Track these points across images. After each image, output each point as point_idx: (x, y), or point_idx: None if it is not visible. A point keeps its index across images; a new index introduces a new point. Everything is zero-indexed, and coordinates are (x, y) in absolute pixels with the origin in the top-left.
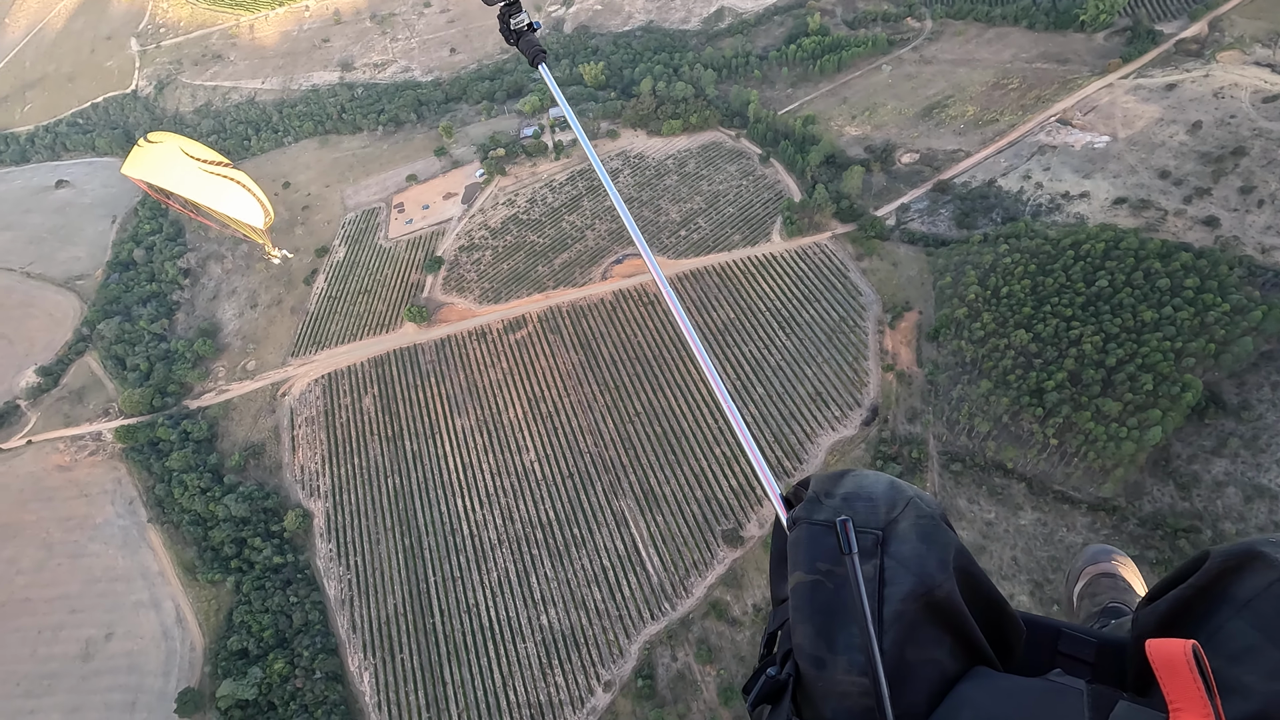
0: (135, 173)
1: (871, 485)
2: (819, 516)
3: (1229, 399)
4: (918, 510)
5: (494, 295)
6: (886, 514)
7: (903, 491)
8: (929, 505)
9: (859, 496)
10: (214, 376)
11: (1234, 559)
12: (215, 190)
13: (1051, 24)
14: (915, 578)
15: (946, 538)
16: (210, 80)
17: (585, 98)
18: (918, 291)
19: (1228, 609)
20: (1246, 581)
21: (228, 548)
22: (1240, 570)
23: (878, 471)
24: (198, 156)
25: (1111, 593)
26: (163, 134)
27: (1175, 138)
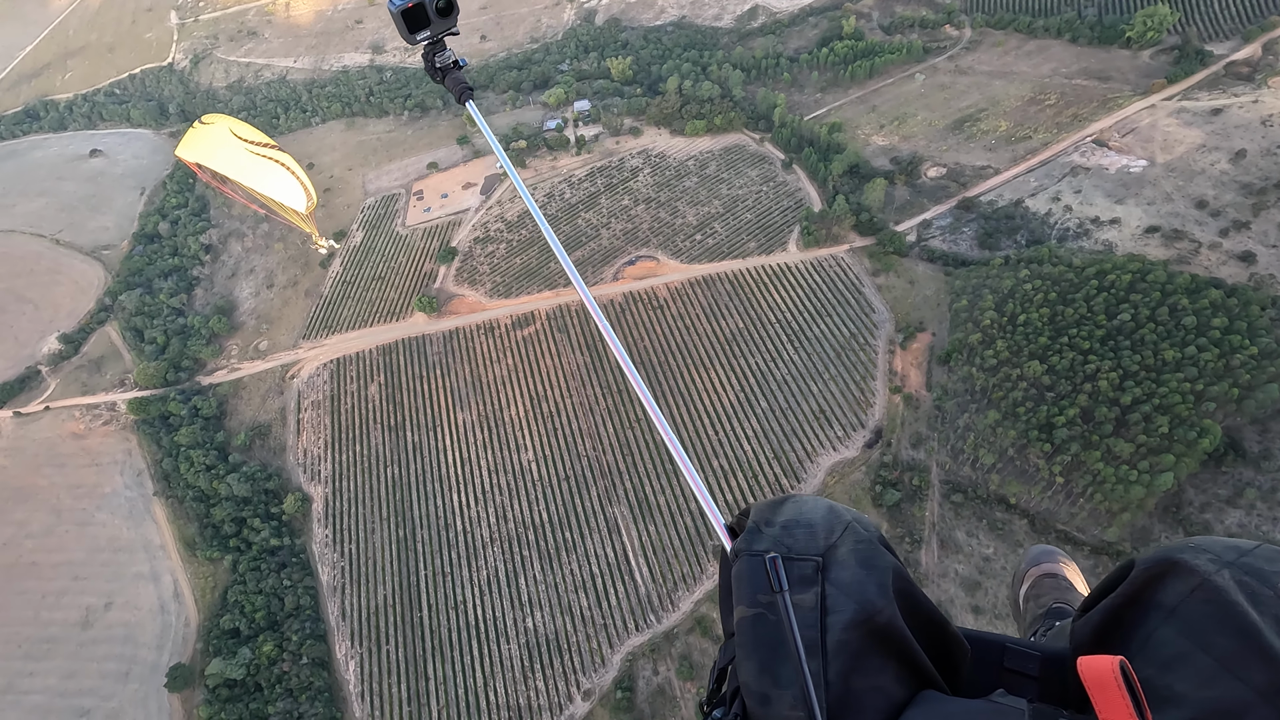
0: (189, 155)
1: (810, 511)
2: (759, 547)
3: (1250, 446)
4: (856, 535)
5: (505, 290)
6: (825, 540)
7: (840, 516)
8: (867, 529)
9: (798, 523)
10: (227, 354)
11: (1156, 567)
12: (259, 172)
13: (1096, 39)
14: (857, 605)
15: (885, 561)
16: (244, 57)
17: (611, 92)
18: (933, 312)
19: (1156, 616)
20: (1171, 588)
21: (228, 526)
22: (1163, 577)
23: (817, 496)
24: (244, 137)
25: (1054, 593)
26: (215, 115)
27: (1216, 166)
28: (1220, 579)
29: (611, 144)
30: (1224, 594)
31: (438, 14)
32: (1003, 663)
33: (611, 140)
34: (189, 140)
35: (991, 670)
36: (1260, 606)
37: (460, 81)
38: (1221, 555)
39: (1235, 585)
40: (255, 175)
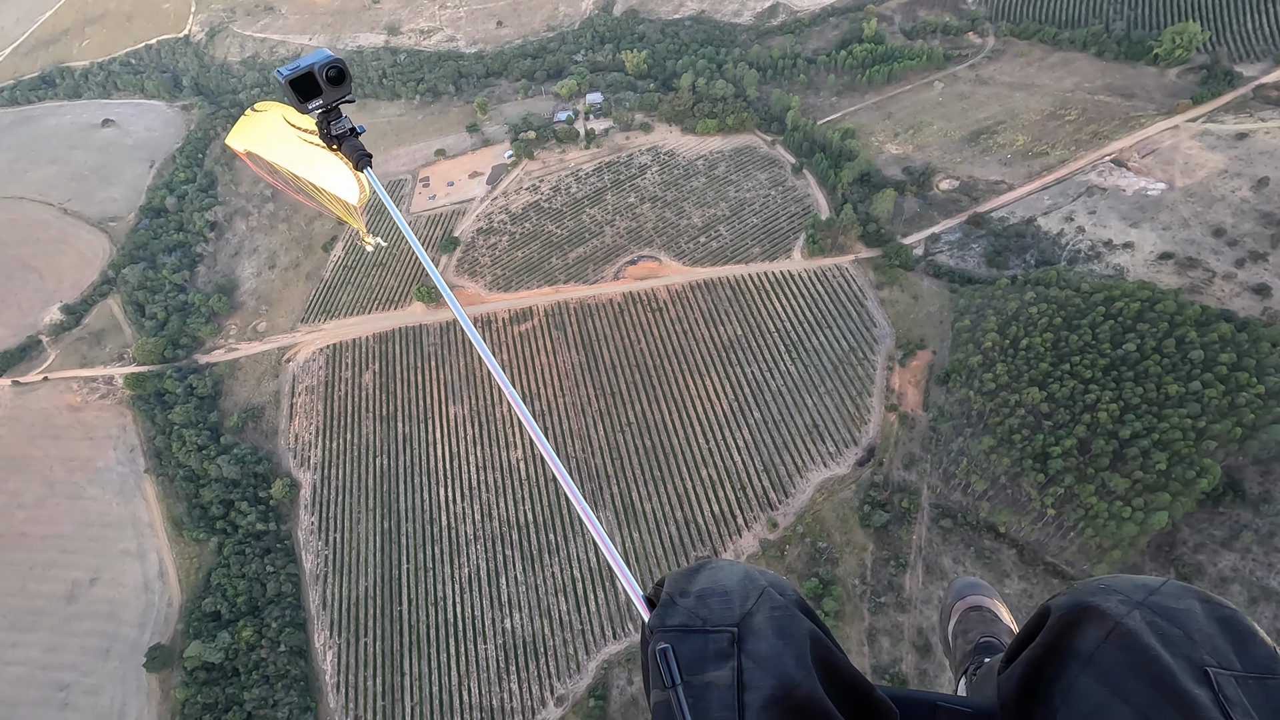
0: (240, 144)
1: (726, 578)
2: (673, 621)
3: (1250, 488)
4: (772, 601)
5: (504, 283)
6: (741, 607)
7: (755, 582)
8: (784, 593)
9: (713, 592)
10: (225, 334)
11: (1070, 613)
12: (312, 161)
13: (1122, 54)
14: (774, 680)
15: (802, 628)
16: (260, 32)
17: (624, 86)
18: (935, 330)
19: (1075, 666)
20: (1086, 635)
21: (215, 508)
22: (1079, 624)
23: (733, 560)
24: (298, 124)
25: (980, 626)
26: (268, 103)
27: (1237, 193)
28: (1132, 621)
29: (621, 139)
30: (1137, 638)
31: (329, 82)
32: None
33: (621, 135)
34: (240, 128)
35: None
36: (1171, 648)
37: (358, 149)
38: (1131, 595)
39: (1146, 627)
40: (308, 165)
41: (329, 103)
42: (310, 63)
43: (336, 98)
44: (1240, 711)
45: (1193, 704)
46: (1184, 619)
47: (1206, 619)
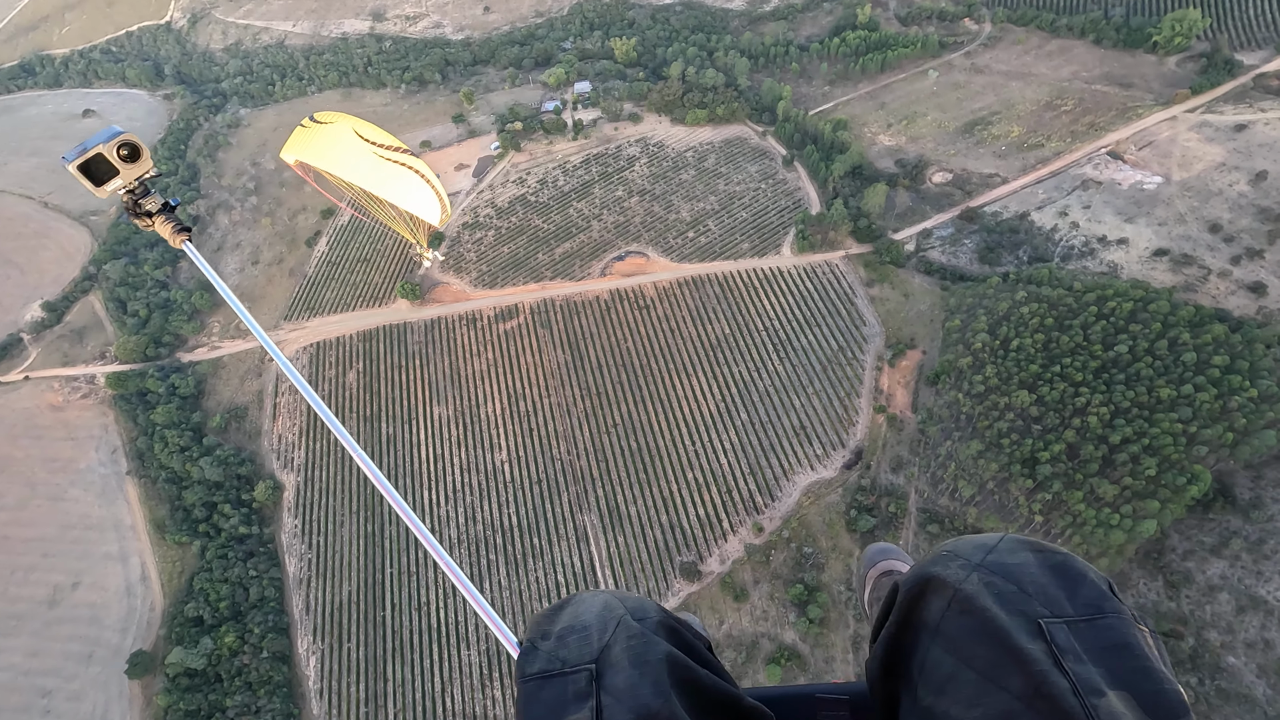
0: (299, 156)
1: (586, 612)
2: (532, 670)
3: (1240, 493)
4: (628, 630)
5: (490, 279)
6: (599, 641)
7: (613, 611)
8: (641, 615)
9: (573, 629)
10: (208, 331)
11: (915, 587)
12: (390, 180)
13: (1121, 41)
14: (631, 712)
15: (658, 653)
16: (243, 18)
17: (613, 74)
18: (925, 329)
19: (926, 637)
20: (931, 606)
21: (198, 510)
22: (923, 596)
23: (597, 590)
24: (373, 140)
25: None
26: (331, 114)
27: (1235, 187)
28: (970, 585)
29: (610, 130)
30: (974, 601)
31: (124, 160)
32: (817, 716)
33: (610, 126)
34: (300, 141)
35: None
36: (1007, 605)
37: (172, 221)
38: (970, 558)
39: (984, 588)
40: (384, 184)
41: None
42: (97, 142)
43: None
44: (1072, 658)
45: (1027, 659)
46: (1018, 573)
47: (1040, 569)
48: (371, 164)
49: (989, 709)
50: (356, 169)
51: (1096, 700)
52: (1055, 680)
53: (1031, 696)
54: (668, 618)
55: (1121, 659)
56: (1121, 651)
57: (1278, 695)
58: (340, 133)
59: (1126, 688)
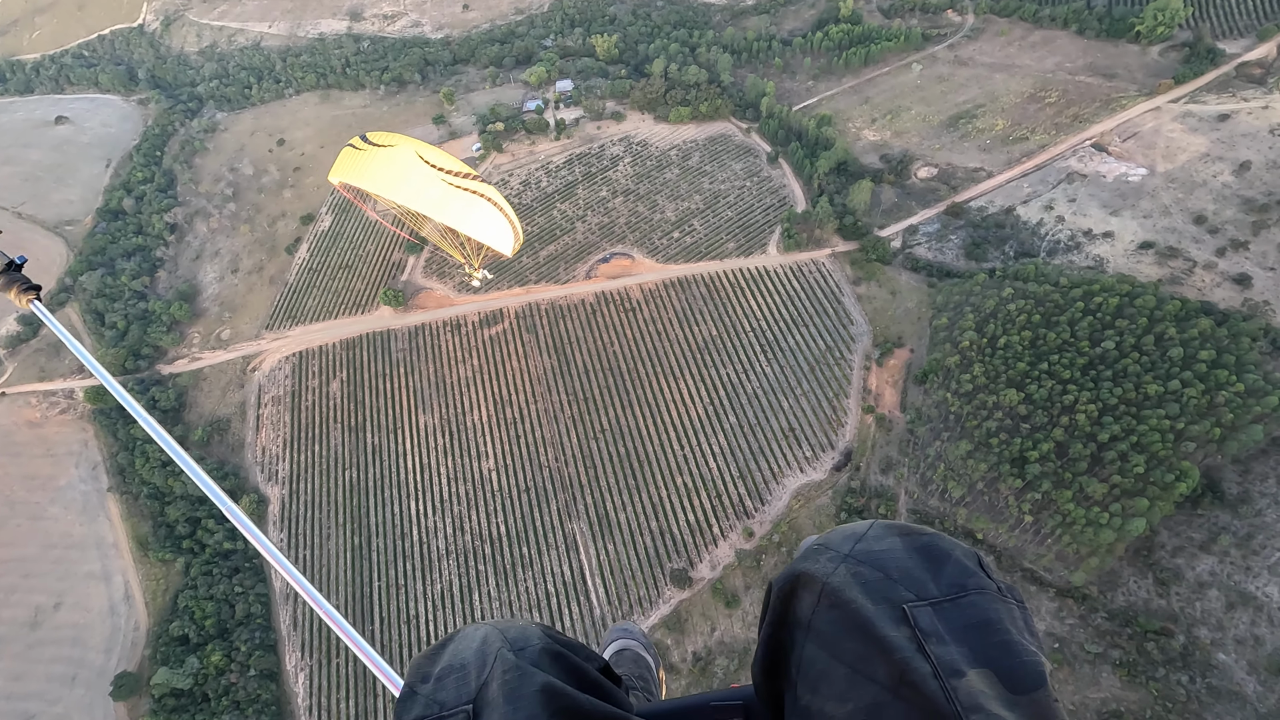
0: (352, 180)
1: (465, 650)
2: (410, 716)
3: (1228, 488)
4: (504, 664)
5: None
6: (478, 679)
7: (491, 646)
8: (518, 647)
9: (451, 670)
10: (188, 342)
11: (786, 585)
12: (461, 209)
13: (1104, 31)
14: None
15: (533, 685)
16: (218, 20)
17: (595, 72)
18: (913, 327)
19: (800, 635)
20: (803, 603)
21: (181, 527)
22: (795, 593)
23: (478, 624)
24: (440, 165)
25: None
26: (388, 134)
27: (1219, 178)
28: (837, 577)
29: (592, 129)
30: (841, 594)
31: None
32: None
33: (593, 125)
34: (352, 163)
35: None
36: (873, 594)
37: (17, 282)
38: (839, 549)
39: (851, 579)
40: (454, 212)
41: None
42: None
43: None
44: (935, 640)
45: (891, 648)
46: (884, 559)
47: (906, 552)
48: (441, 192)
49: (859, 702)
50: (423, 196)
51: (956, 681)
52: (918, 665)
53: (897, 685)
54: (552, 644)
55: (983, 636)
56: (983, 629)
57: (1268, 692)
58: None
59: (987, 664)
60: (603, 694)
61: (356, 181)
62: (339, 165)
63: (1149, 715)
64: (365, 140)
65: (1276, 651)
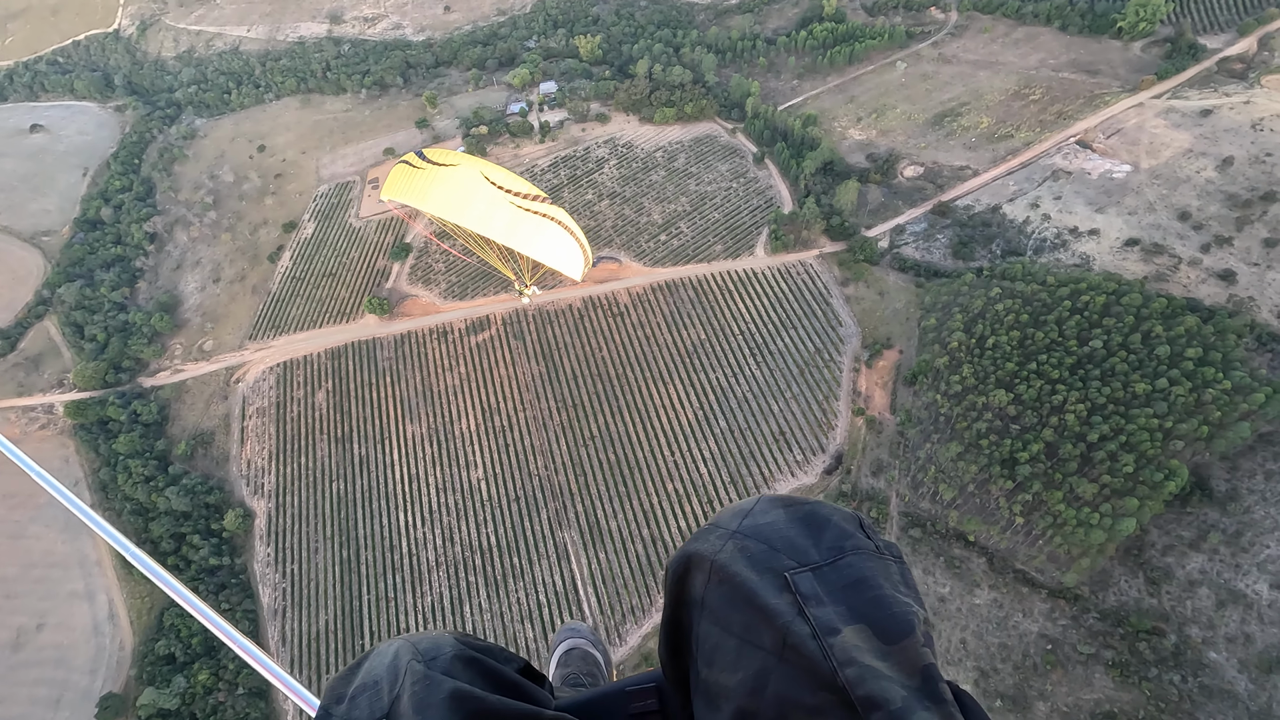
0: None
1: (378, 666)
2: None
3: (1217, 485)
4: (414, 675)
5: (460, 291)
6: (390, 693)
7: (402, 658)
8: (434, 657)
9: (365, 688)
10: (170, 354)
11: (679, 566)
12: (530, 232)
13: (1086, 27)
14: None
15: (441, 693)
16: (195, 24)
17: (579, 73)
18: (902, 328)
19: (695, 614)
20: (695, 582)
21: (166, 543)
22: (688, 573)
23: (391, 639)
24: (507, 187)
25: None
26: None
27: (1202, 173)
28: (725, 554)
29: (577, 131)
30: (728, 569)
31: None
32: (629, 710)
33: (577, 127)
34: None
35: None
36: (757, 566)
37: None
38: (727, 526)
39: (737, 554)
40: (523, 237)
41: None
42: None
43: None
44: (814, 603)
45: (773, 614)
46: (768, 532)
47: (789, 523)
48: (509, 215)
49: (747, 670)
50: (490, 221)
51: (832, 639)
52: (798, 629)
53: (781, 649)
54: (465, 650)
55: (858, 594)
56: (858, 587)
57: (1259, 690)
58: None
59: (862, 620)
60: (520, 694)
61: (414, 202)
62: (392, 184)
63: (1142, 716)
64: (422, 158)
65: (1267, 649)
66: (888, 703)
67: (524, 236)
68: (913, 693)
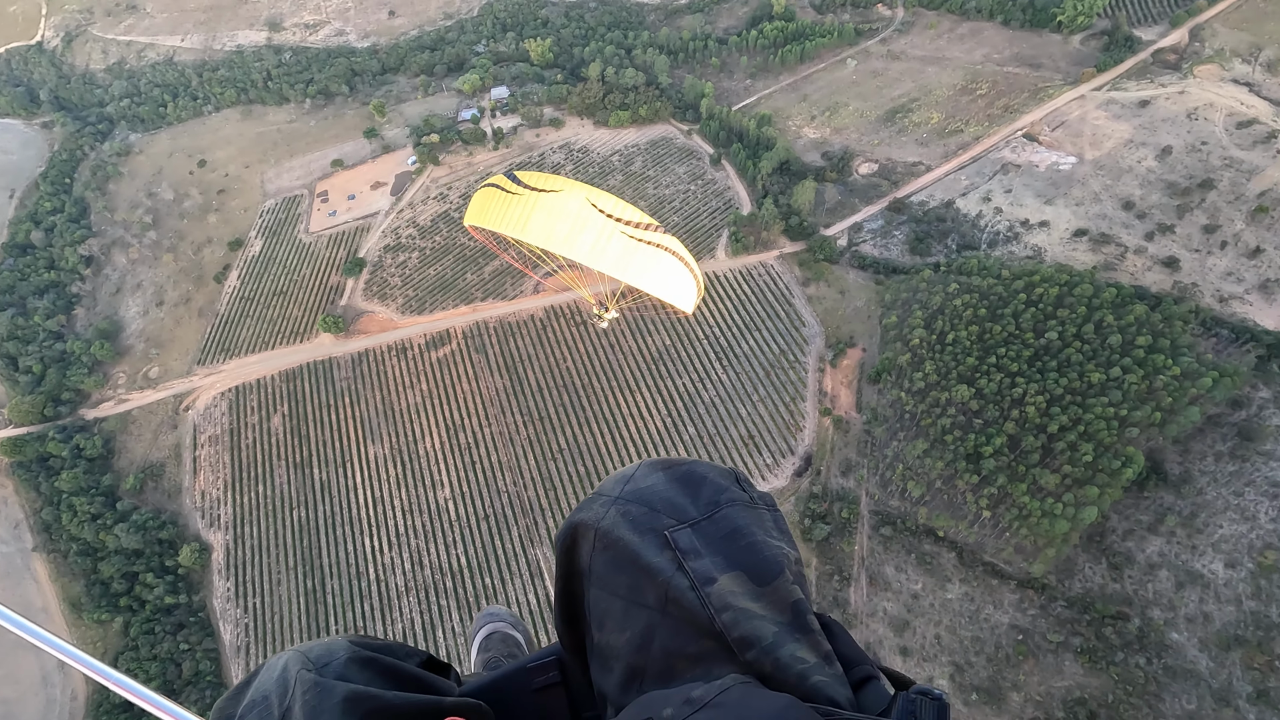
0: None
1: (266, 681)
2: None
3: (1171, 468)
4: (304, 684)
5: (418, 305)
6: (280, 708)
7: (292, 669)
8: (325, 664)
9: (254, 705)
10: (113, 383)
11: (567, 537)
12: (644, 264)
13: (1028, 22)
14: None
15: (333, 699)
16: (124, 34)
17: (530, 77)
18: (864, 325)
19: (585, 582)
20: (581, 551)
21: (117, 583)
22: (575, 544)
23: (280, 652)
24: (619, 216)
25: None
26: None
27: (1143, 163)
28: (608, 520)
29: (531, 137)
30: (612, 534)
31: None
32: (532, 685)
33: (531, 133)
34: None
35: (527, 699)
36: (638, 528)
37: None
38: (610, 493)
39: (620, 518)
40: (636, 270)
41: None
42: None
43: None
44: (693, 556)
45: (656, 572)
46: (649, 494)
47: (668, 484)
48: (622, 247)
49: (634, 628)
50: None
51: (709, 588)
52: (678, 582)
53: (664, 604)
54: (360, 652)
55: (733, 543)
56: (733, 536)
57: (1219, 668)
58: (572, 206)
59: (738, 566)
60: (422, 686)
61: (510, 231)
62: (479, 209)
63: (1111, 700)
64: (515, 181)
65: (1225, 627)
66: (760, 640)
67: (637, 270)
68: (783, 628)
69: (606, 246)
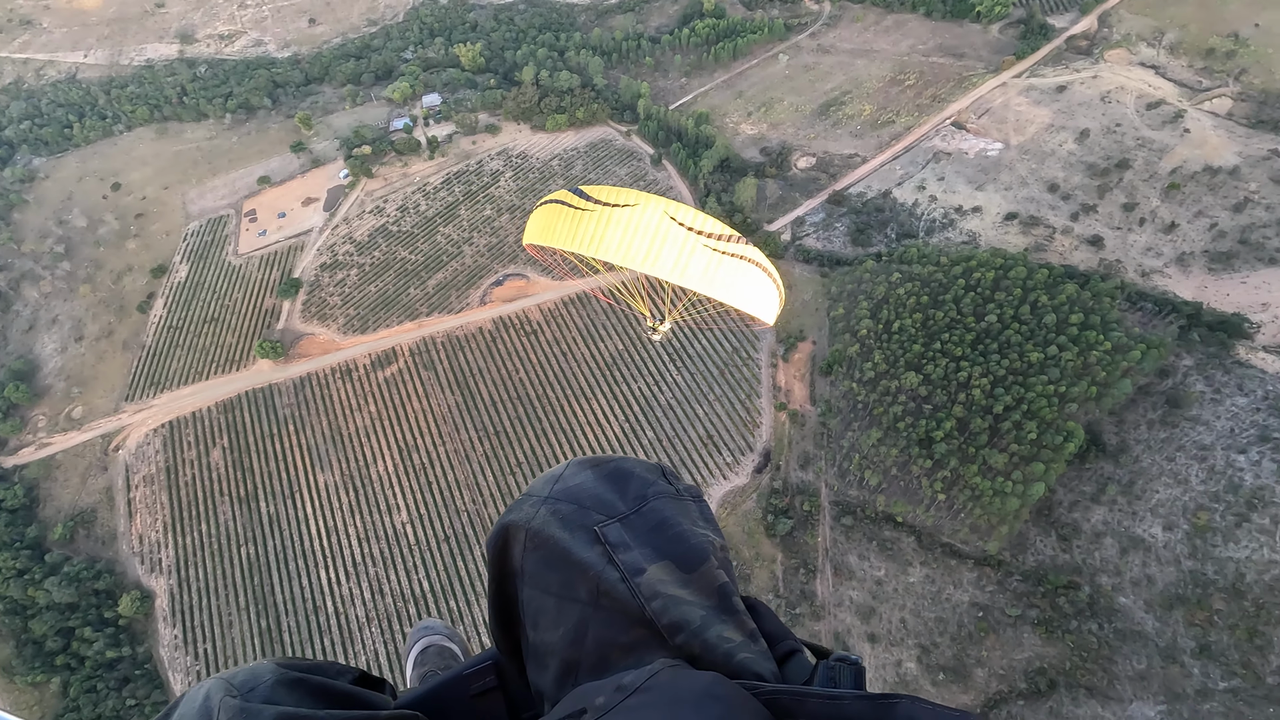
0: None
1: (188, 711)
2: None
3: (1108, 439)
4: (229, 712)
5: (360, 324)
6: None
7: (214, 697)
8: (254, 684)
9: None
10: (32, 427)
11: (497, 540)
12: (729, 278)
13: (949, 12)
14: None
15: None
16: (20, 52)
17: (462, 83)
18: (812, 319)
19: (518, 582)
20: (513, 552)
21: (52, 641)
22: (507, 545)
23: (201, 682)
24: (699, 228)
25: None
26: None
27: (1064, 146)
28: (538, 520)
29: (467, 144)
30: (543, 533)
31: None
32: (469, 691)
33: (467, 140)
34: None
35: (465, 706)
36: (569, 525)
37: None
38: (540, 493)
39: (550, 517)
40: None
41: None
42: None
43: None
44: (622, 549)
45: (587, 567)
46: (578, 492)
47: (596, 481)
48: (705, 261)
49: (568, 623)
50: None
51: (639, 579)
52: (608, 575)
53: (596, 597)
54: (287, 674)
55: (660, 534)
56: (660, 527)
57: (1164, 627)
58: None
59: (666, 556)
60: (356, 702)
61: (582, 249)
62: (543, 227)
63: (1069, 666)
64: (583, 196)
65: (1167, 588)
66: (688, 624)
67: (723, 283)
68: (710, 611)
69: (690, 261)
